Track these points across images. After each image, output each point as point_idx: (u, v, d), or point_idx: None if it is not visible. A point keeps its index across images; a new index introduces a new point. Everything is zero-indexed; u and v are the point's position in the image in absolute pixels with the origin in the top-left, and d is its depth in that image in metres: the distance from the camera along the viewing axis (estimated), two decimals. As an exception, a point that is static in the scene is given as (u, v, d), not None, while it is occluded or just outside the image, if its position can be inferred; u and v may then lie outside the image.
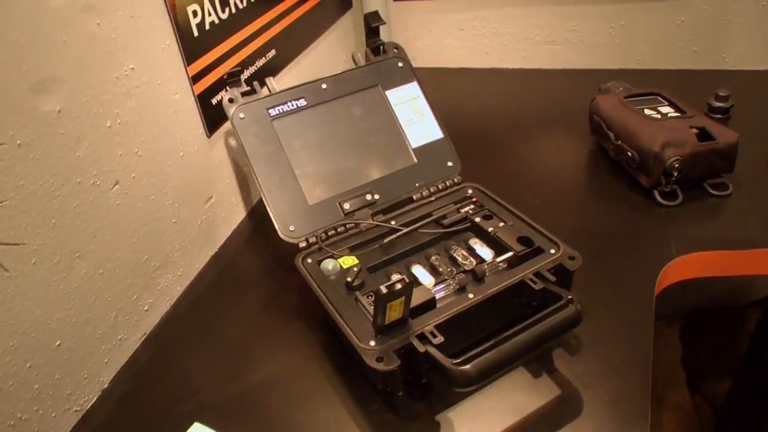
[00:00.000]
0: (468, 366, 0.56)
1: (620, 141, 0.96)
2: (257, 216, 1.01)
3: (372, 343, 0.61)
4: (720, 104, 1.07)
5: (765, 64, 1.24)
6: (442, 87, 1.37)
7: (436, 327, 0.62)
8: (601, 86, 1.12)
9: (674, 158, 0.87)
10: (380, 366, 0.58)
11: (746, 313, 1.47)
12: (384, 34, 0.94)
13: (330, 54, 1.31)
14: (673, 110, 0.98)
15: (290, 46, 1.12)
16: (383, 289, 0.56)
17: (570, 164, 1.06)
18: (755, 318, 1.37)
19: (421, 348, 0.59)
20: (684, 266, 0.81)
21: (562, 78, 1.37)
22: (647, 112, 0.97)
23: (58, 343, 0.65)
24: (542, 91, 1.33)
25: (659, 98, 1.02)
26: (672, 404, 1.46)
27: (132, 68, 0.73)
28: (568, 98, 1.27)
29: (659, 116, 0.96)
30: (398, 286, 0.57)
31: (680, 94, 1.01)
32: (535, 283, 0.65)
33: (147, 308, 0.79)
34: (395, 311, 0.60)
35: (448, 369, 0.56)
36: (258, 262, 0.90)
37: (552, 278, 0.66)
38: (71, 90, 0.64)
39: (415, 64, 0.94)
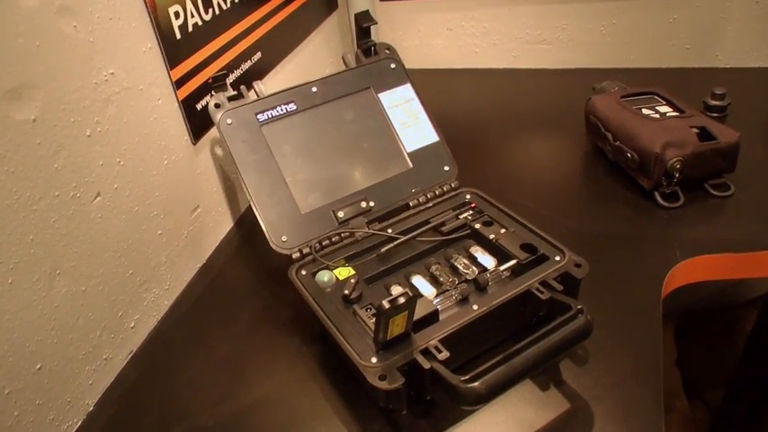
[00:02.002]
0: (476, 384, 0.52)
1: (618, 142, 0.93)
2: (247, 225, 0.97)
3: (374, 360, 0.58)
4: (717, 103, 1.06)
5: (759, 61, 1.23)
6: (431, 89, 1.33)
7: (440, 341, 0.59)
8: (595, 86, 1.10)
9: (676, 159, 0.85)
10: (384, 385, 0.55)
11: (742, 313, 1.46)
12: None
13: (317, 56, 1.28)
14: (671, 109, 0.96)
15: (276, 48, 1.09)
16: (385, 304, 0.53)
17: (567, 166, 1.04)
18: (751, 318, 1.36)
19: (426, 365, 0.56)
20: (690, 270, 0.79)
21: (553, 78, 1.35)
22: (645, 111, 0.95)
23: (38, 366, 0.61)
24: (534, 91, 1.31)
25: (656, 97, 1.00)
26: (667, 406, 1.44)
27: (112, 73, 0.69)
28: (561, 98, 1.25)
29: (658, 116, 0.94)
30: (401, 300, 0.53)
31: (674, 92, 1.00)
32: (542, 292, 0.63)
33: (133, 325, 0.75)
34: (397, 326, 0.57)
35: (456, 387, 0.53)
36: (249, 273, 0.86)
37: (559, 287, 0.64)
38: (47, 97, 0.60)
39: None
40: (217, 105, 0.79)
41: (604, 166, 0.99)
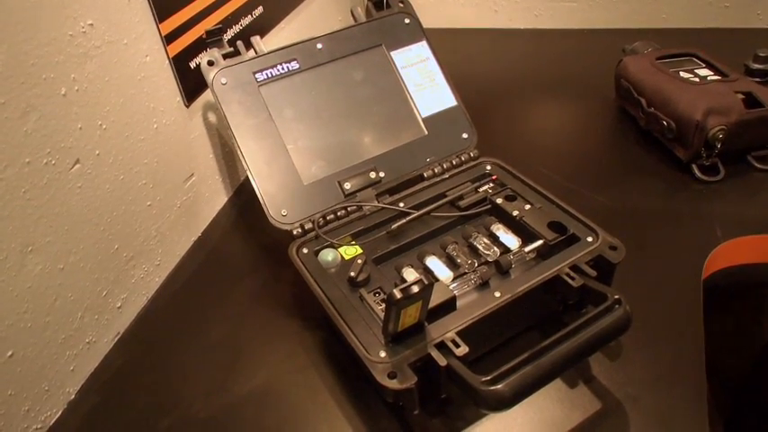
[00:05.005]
0: (500, 386, 0.46)
1: (653, 109, 0.85)
2: (246, 195, 0.90)
3: (383, 354, 0.51)
4: (760, 66, 0.96)
5: (805, 21, 1.13)
6: (447, 50, 1.24)
7: (458, 333, 0.52)
8: (626, 47, 1.01)
9: (719, 128, 0.77)
10: (394, 384, 0.48)
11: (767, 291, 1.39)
12: (381, -11, 0.82)
13: (325, 12, 1.19)
14: (712, 72, 0.87)
15: (279, 2, 1.00)
16: (396, 293, 0.46)
17: (593, 134, 0.96)
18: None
19: (442, 362, 0.49)
20: (732, 252, 0.71)
21: (579, 39, 1.26)
22: (683, 75, 0.87)
23: (9, 353, 0.55)
24: (558, 53, 1.22)
25: (695, 59, 0.92)
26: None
27: (91, 25, 0.61)
28: (587, 61, 1.17)
29: (698, 80, 0.85)
30: (415, 289, 0.46)
31: (713, 55, 0.91)
32: (573, 278, 0.56)
33: (119, 305, 0.68)
34: (409, 317, 0.50)
35: (477, 389, 0.46)
36: (247, 249, 0.80)
37: (593, 273, 0.56)
38: (12, 50, 0.52)
39: (420, 23, 0.82)
40: (210, 63, 0.71)
41: (636, 134, 0.91)
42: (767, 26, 1.16)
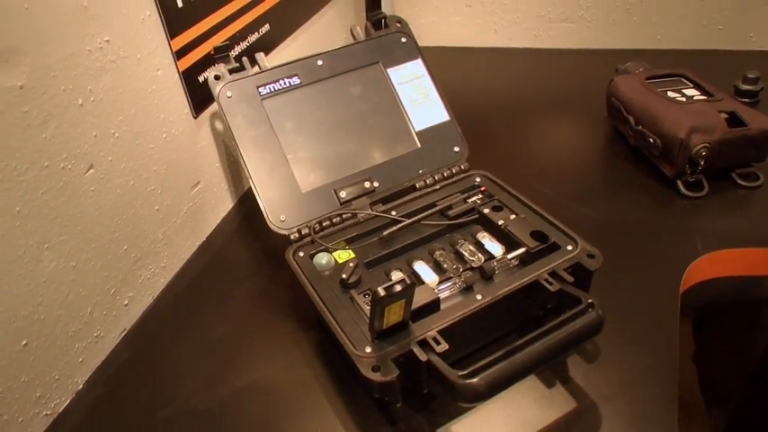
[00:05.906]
0: (475, 380, 0.49)
1: (640, 126, 0.88)
2: (250, 202, 0.94)
3: (368, 350, 0.54)
4: (749, 87, 1.00)
5: (795, 44, 1.16)
6: (447, 68, 1.29)
7: (440, 332, 0.55)
8: (618, 67, 1.05)
9: (702, 146, 0.80)
10: (377, 377, 0.52)
11: (763, 308, 1.40)
12: (386, 9, 0.86)
13: (329, 31, 1.24)
14: (699, 92, 0.91)
15: (285, 21, 1.05)
16: (381, 291, 0.49)
17: (585, 151, 0.99)
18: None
19: (423, 357, 0.53)
20: (712, 265, 0.74)
21: (576, 59, 1.30)
22: (670, 94, 0.90)
23: (24, 342, 0.59)
24: (554, 72, 1.26)
25: (684, 80, 0.95)
26: (681, 402, 1.40)
27: (107, 41, 0.66)
28: (582, 80, 1.20)
29: (684, 99, 0.89)
30: (398, 288, 0.50)
31: (703, 76, 0.94)
32: (551, 283, 0.59)
33: (126, 302, 0.72)
34: (394, 315, 0.53)
35: (453, 382, 0.49)
36: (248, 253, 0.84)
37: (570, 278, 0.60)
38: (35, 63, 0.57)
39: (418, 43, 0.86)
40: (217, 77, 0.75)
41: (625, 151, 0.95)
42: (760, 48, 1.19)
